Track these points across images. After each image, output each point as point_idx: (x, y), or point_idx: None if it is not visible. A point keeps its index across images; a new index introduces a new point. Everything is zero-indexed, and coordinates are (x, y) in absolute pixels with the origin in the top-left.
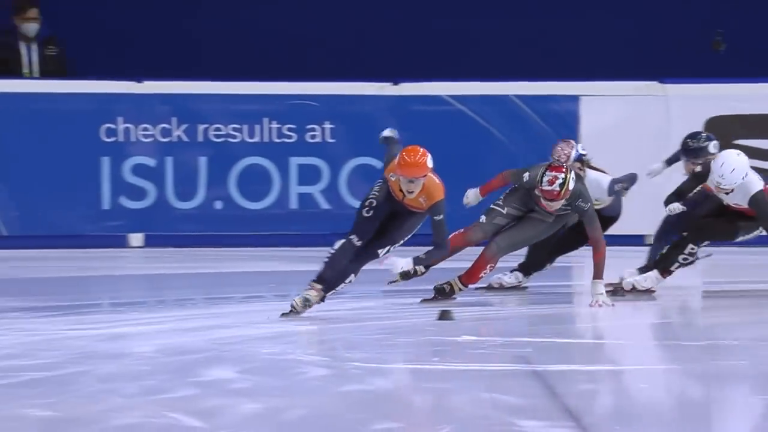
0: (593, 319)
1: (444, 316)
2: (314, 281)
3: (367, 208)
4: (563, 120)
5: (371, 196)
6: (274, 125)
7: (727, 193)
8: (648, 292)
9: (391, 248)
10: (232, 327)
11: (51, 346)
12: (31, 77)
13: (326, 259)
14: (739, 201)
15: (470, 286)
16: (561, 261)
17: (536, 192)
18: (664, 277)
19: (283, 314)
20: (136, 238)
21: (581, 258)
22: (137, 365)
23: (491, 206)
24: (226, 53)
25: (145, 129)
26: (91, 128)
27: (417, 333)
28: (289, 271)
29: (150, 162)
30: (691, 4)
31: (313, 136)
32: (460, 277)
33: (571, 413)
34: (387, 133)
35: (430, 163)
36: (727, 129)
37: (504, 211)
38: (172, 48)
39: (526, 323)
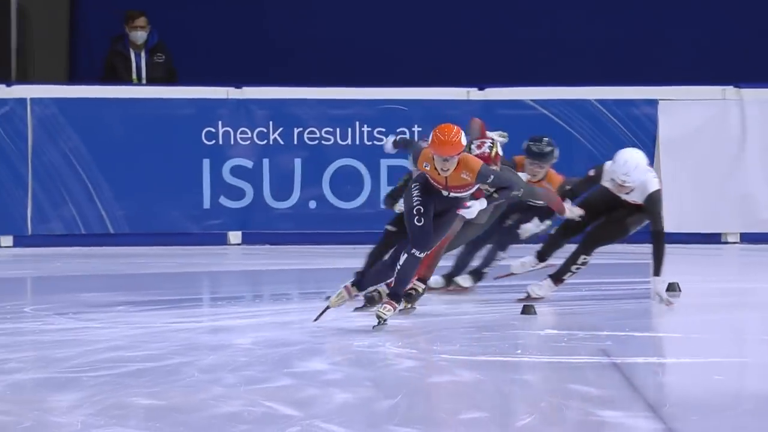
0: (670, 314)
1: (527, 310)
2: (390, 298)
3: (417, 217)
4: (642, 124)
5: (416, 204)
6: (366, 129)
7: (627, 192)
8: (538, 299)
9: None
10: (325, 321)
11: (155, 338)
12: (138, 83)
13: (396, 275)
14: (636, 198)
15: (427, 280)
16: (635, 257)
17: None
18: (557, 285)
19: (374, 327)
20: (235, 236)
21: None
22: (236, 356)
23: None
24: (319, 61)
25: (244, 132)
26: (193, 132)
27: (501, 327)
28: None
29: (248, 164)
30: (766, 9)
31: None
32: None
33: (649, 404)
34: (389, 147)
35: (464, 140)
36: None
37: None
38: (269, 55)
39: (606, 318)
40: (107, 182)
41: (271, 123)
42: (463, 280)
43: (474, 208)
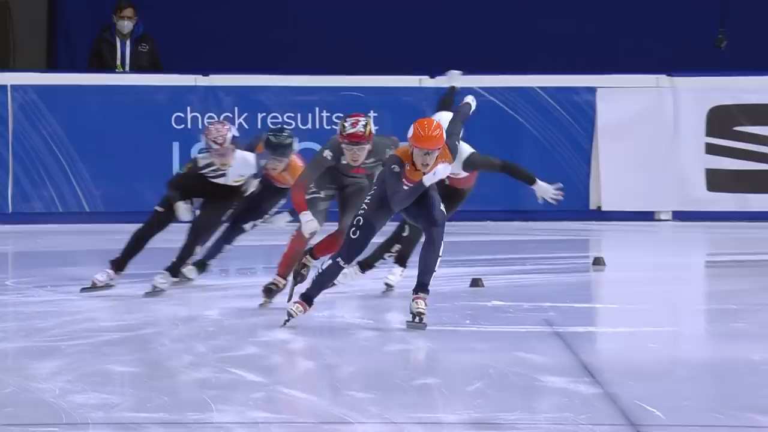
0: (608, 287)
1: (475, 284)
2: (303, 299)
3: (354, 228)
4: (582, 110)
5: (359, 214)
6: (325, 114)
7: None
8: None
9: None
10: (287, 294)
11: (131, 309)
12: (119, 71)
13: (315, 279)
14: (455, 169)
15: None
16: (577, 234)
17: (343, 148)
18: (364, 272)
19: (284, 322)
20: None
21: (597, 232)
22: (205, 327)
23: (309, 198)
24: (282, 51)
25: (211, 117)
26: (164, 117)
27: (452, 299)
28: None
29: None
30: (697, 3)
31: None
32: (311, 252)
33: (589, 370)
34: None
35: (444, 134)
36: (730, 117)
37: (322, 195)
38: (235, 45)
39: (549, 290)
40: (84, 164)
41: (236, 108)
42: (189, 271)
43: (438, 174)
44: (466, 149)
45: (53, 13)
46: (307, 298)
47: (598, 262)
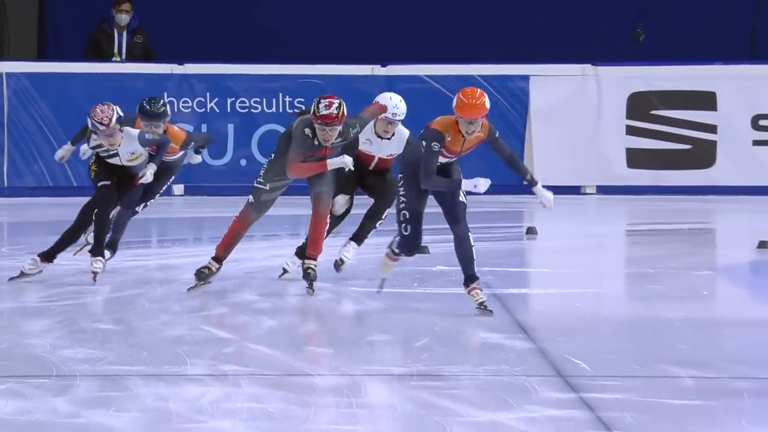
0: (541, 253)
1: (422, 250)
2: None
3: (404, 225)
4: (516, 96)
5: (402, 207)
6: (288, 99)
7: (390, 138)
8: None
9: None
10: (255, 260)
11: (113, 273)
12: (114, 60)
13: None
14: (393, 150)
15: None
16: (512, 206)
17: (316, 125)
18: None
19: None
20: (178, 188)
21: (530, 204)
22: (181, 289)
23: (254, 185)
24: (249, 42)
25: (185, 102)
26: None
27: (401, 264)
28: (300, 215)
29: (189, 128)
30: (618, 0)
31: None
32: (307, 254)
33: (523, 328)
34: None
35: (488, 103)
36: (647, 102)
37: (267, 188)
38: (207, 36)
39: (487, 256)
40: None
41: (208, 94)
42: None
43: (479, 187)
44: (405, 130)
45: (43, 7)
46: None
47: (531, 231)
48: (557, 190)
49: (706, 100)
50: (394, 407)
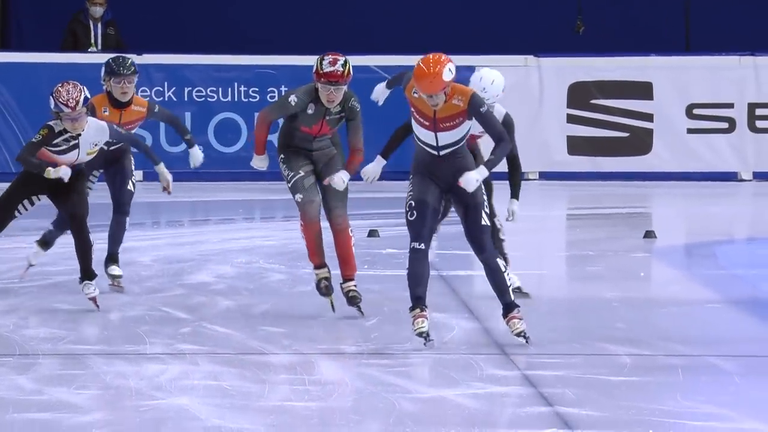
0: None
1: (373, 234)
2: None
3: (410, 212)
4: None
5: (410, 197)
6: (243, 88)
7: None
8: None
9: None
10: (211, 242)
11: (73, 256)
12: (93, 51)
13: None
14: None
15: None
16: None
17: (319, 85)
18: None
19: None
20: (138, 174)
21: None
22: (139, 271)
23: (293, 179)
24: (205, 32)
25: (144, 91)
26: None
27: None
28: (255, 200)
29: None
30: None
31: (272, 97)
32: (343, 276)
33: (468, 308)
34: (381, 90)
35: (450, 73)
36: (587, 92)
37: (302, 173)
38: (165, 26)
39: (433, 239)
40: (33, 130)
41: (166, 83)
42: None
43: (471, 180)
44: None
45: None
46: (418, 301)
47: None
48: (500, 176)
49: (642, 90)
50: (346, 384)
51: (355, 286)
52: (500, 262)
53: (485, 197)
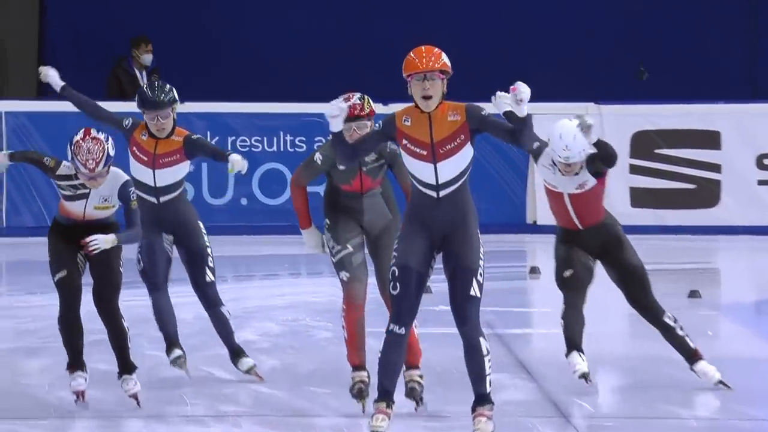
0: (544, 293)
1: (426, 290)
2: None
3: (392, 282)
4: None
5: (393, 261)
6: (288, 138)
7: (577, 173)
8: None
9: None
10: (255, 299)
11: None
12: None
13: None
14: (587, 178)
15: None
16: (515, 246)
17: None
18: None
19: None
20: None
21: (534, 244)
22: (181, 329)
23: (339, 254)
24: (250, 81)
25: None
26: None
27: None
28: (300, 255)
29: (189, 167)
30: (621, 40)
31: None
32: (407, 364)
33: (526, 367)
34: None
35: (445, 57)
36: (650, 141)
37: (350, 248)
38: (208, 74)
39: (490, 296)
40: None
41: (208, 132)
42: None
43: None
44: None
45: (42, 45)
46: (385, 395)
47: (534, 271)
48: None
49: (709, 139)
50: None
51: (420, 376)
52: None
53: (482, 262)
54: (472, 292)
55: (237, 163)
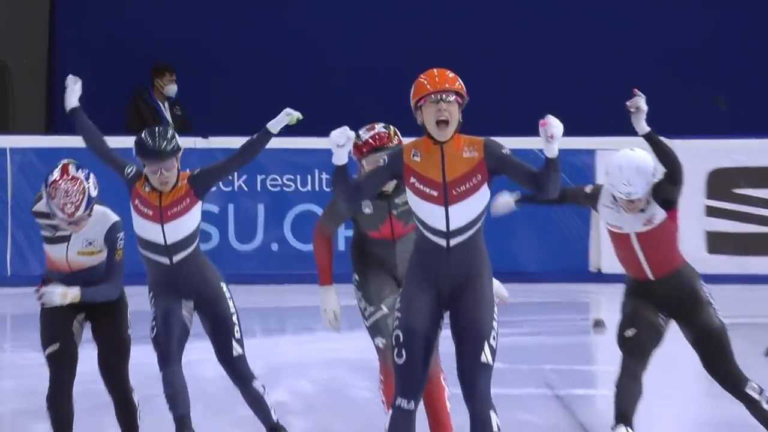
0: (609, 349)
1: None
2: None
3: (397, 349)
4: (581, 171)
5: (396, 324)
6: (324, 176)
7: (642, 209)
8: None
9: None
10: (286, 355)
11: (132, 370)
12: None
13: None
14: (656, 211)
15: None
16: (576, 296)
17: (365, 161)
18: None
19: None
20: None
21: (597, 294)
22: (204, 388)
23: (373, 317)
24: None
25: None
26: None
27: (450, 358)
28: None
29: (214, 209)
30: (697, 69)
31: None
32: None
33: (586, 430)
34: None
35: (459, 80)
36: (730, 179)
37: (385, 310)
38: (233, 108)
39: (549, 352)
40: None
41: (236, 171)
42: None
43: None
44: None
45: (51, 77)
46: None
47: (598, 324)
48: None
49: None
50: None
51: None
52: None
53: (495, 323)
54: (483, 359)
55: (290, 116)
